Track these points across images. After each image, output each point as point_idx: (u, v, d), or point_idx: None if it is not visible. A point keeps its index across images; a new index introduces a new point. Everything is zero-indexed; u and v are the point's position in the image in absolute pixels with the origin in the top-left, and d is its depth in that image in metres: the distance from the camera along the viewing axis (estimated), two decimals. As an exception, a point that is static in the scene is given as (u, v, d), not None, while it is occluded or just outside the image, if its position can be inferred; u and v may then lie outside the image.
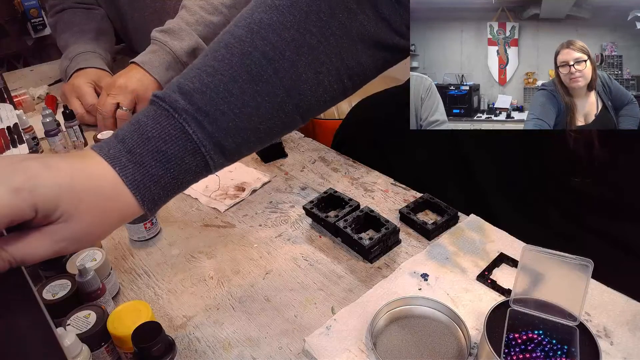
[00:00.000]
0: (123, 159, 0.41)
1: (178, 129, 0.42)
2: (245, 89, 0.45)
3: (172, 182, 0.43)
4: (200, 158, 0.43)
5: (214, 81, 0.44)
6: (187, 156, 0.43)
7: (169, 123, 0.42)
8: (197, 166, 0.44)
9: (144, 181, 0.41)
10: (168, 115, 0.43)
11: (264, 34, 0.46)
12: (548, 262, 0.46)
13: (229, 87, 0.44)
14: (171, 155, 0.42)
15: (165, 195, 0.43)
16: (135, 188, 0.41)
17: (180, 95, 0.43)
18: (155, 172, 0.41)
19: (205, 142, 0.43)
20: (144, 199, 0.41)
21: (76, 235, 0.38)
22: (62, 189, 0.37)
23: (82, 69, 1.06)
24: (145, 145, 0.41)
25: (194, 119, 0.43)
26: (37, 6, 1.63)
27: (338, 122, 1.06)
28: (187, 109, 0.43)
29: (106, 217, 0.40)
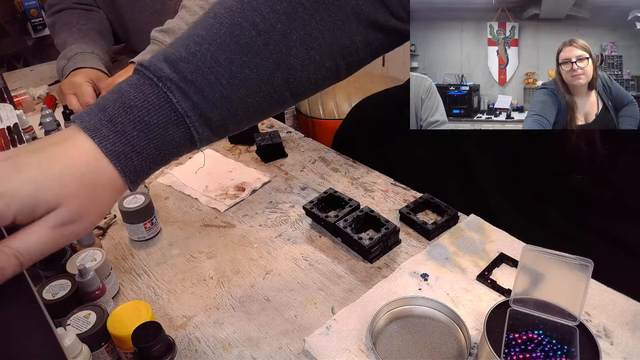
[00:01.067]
0: (103, 129, 0.39)
1: (162, 99, 0.41)
2: (234, 60, 0.44)
3: (155, 153, 0.41)
4: (185, 129, 0.42)
5: (201, 50, 0.43)
6: (170, 127, 0.41)
7: (152, 92, 0.41)
8: (182, 138, 0.42)
9: (125, 151, 0.40)
10: (152, 84, 0.41)
11: (255, 5, 0.45)
12: (548, 262, 0.46)
13: (217, 56, 0.43)
14: (154, 125, 0.41)
15: (148, 168, 0.42)
16: (116, 158, 0.39)
17: (166, 64, 0.42)
18: (137, 143, 0.40)
19: (190, 112, 0.42)
20: (125, 170, 0.40)
21: (70, 218, 0.38)
22: (37, 184, 0.36)
23: (79, 68, 1.06)
24: (127, 115, 0.40)
25: (179, 88, 0.41)
26: (37, 6, 1.63)
27: (338, 122, 1.06)
28: (171, 77, 0.41)
29: (94, 194, 0.39)
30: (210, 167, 0.89)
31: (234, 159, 0.91)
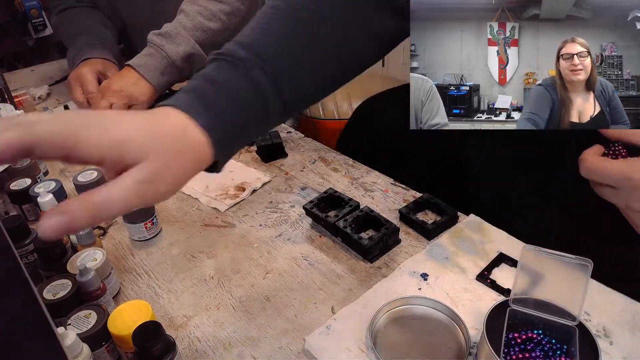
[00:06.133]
0: (195, 104, 0.43)
1: (241, 75, 0.47)
2: (298, 40, 0.51)
3: (239, 124, 0.46)
4: (264, 101, 0.48)
5: (270, 35, 0.51)
6: (251, 99, 0.47)
7: (233, 72, 0.47)
8: (260, 110, 0.48)
9: (214, 123, 0.43)
10: (232, 65, 0.47)
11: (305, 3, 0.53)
12: (547, 262, 0.46)
13: (285, 39, 0.51)
14: (237, 98, 0.46)
15: (233, 137, 0.46)
16: (208, 128, 0.42)
17: (240, 48, 0.48)
18: (222, 112, 0.44)
19: (268, 85, 0.48)
20: (215, 140, 0.43)
21: (153, 176, 0.38)
22: (130, 132, 0.38)
23: (88, 58, 1.06)
24: (212, 88, 0.45)
25: (256, 65, 0.48)
26: (38, 6, 1.63)
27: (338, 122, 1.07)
28: (249, 57, 0.48)
29: (180, 157, 0.40)
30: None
31: (234, 159, 0.91)
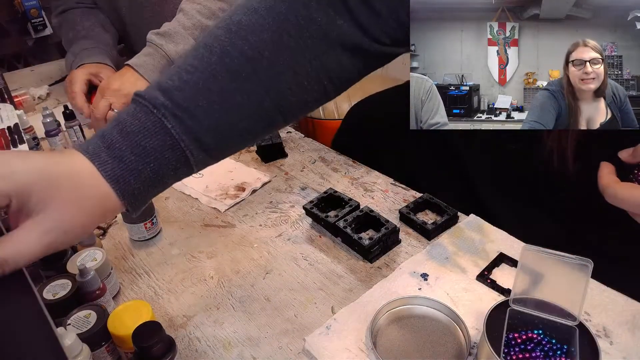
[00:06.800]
0: (102, 154, 0.41)
1: (157, 124, 0.43)
2: (224, 87, 0.45)
3: (152, 177, 0.43)
4: (180, 153, 0.44)
5: (193, 78, 0.45)
6: (166, 150, 0.43)
7: (148, 119, 0.43)
8: (177, 161, 0.44)
9: (123, 175, 0.41)
10: (147, 112, 0.43)
11: (243, 34, 0.46)
12: (548, 262, 0.46)
13: (208, 84, 0.45)
14: (150, 150, 0.42)
15: (146, 191, 0.43)
16: (115, 181, 0.41)
17: (160, 92, 0.44)
18: (135, 167, 0.42)
19: (184, 136, 0.43)
20: (124, 193, 0.41)
21: (59, 225, 0.38)
22: (35, 176, 0.37)
23: (84, 64, 1.07)
24: (125, 140, 0.42)
25: (173, 115, 0.43)
26: (38, 6, 1.63)
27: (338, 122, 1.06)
28: (166, 104, 0.43)
29: (86, 205, 0.40)
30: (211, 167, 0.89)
31: (234, 159, 0.91)
